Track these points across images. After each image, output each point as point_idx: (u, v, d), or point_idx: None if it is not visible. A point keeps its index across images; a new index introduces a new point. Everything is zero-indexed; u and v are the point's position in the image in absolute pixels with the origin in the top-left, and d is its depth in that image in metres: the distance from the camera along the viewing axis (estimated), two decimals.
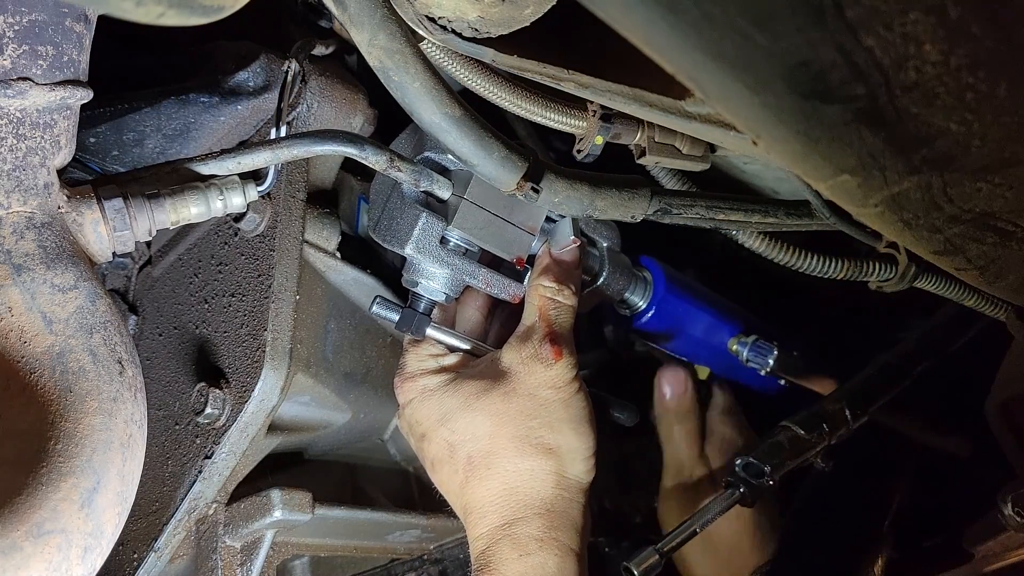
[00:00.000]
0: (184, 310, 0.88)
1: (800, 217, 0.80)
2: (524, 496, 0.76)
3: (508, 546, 0.74)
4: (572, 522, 0.76)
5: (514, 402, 0.77)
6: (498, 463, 0.76)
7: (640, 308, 0.94)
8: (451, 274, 0.79)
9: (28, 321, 0.59)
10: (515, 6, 0.58)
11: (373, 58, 0.61)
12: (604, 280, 0.88)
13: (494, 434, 0.77)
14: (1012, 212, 0.52)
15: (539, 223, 0.81)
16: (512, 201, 0.77)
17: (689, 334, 1.00)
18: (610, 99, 0.67)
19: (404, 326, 0.80)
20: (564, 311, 0.80)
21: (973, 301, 0.84)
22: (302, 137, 0.69)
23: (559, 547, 0.74)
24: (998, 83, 0.41)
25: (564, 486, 0.76)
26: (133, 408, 0.63)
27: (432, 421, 0.79)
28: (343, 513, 0.90)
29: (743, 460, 0.87)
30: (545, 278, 0.81)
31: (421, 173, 0.73)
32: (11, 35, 0.57)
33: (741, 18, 0.39)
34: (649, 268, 0.95)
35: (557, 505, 0.76)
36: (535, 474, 0.76)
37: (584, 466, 0.78)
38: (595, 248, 0.88)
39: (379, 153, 0.70)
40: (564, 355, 0.77)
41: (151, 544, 0.82)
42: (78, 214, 0.63)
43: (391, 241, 0.79)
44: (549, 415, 0.77)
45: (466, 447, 0.78)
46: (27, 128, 0.59)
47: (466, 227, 0.77)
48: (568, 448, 0.77)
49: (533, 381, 0.77)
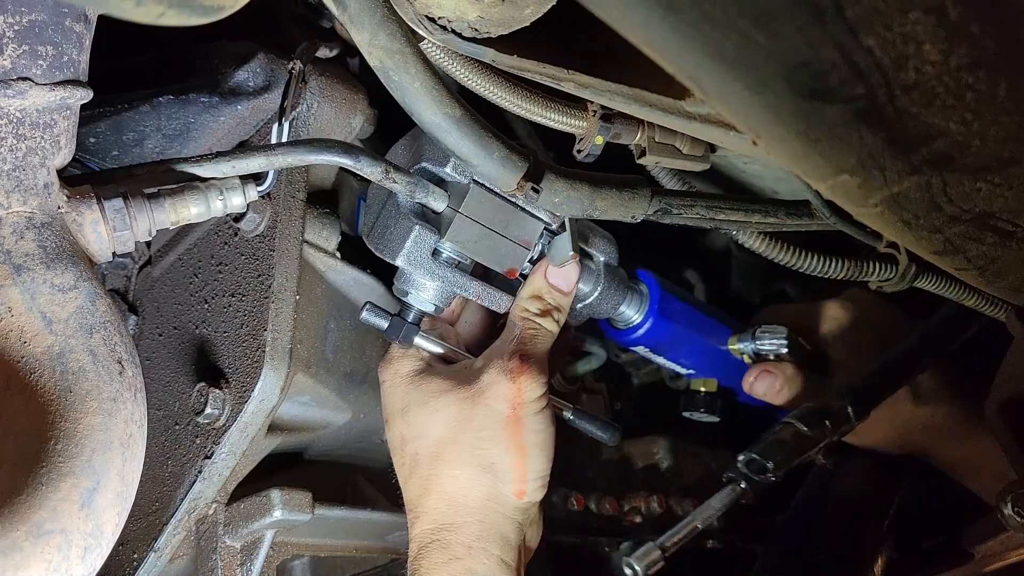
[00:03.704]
0: (184, 310, 0.88)
1: (800, 217, 0.80)
2: (457, 504, 0.76)
3: (437, 550, 0.75)
4: (504, 537, 0.76)
5: (469, 410, 0.77)
6: (439, 467, 0.77)
7: (635, 322, 0.93)
8: (442, 286, 0.79)
9: (28, 321, 0.59)
10: (515, 6, 0.58)
11: (373, 58, 0.61)
12: (599, 295, 0.87)
13: (442, 438, 0.77)
14: (1012, 212, 0.52)
15: (534, 237, 0.80)
16: (507, 214, 0.77)
17: (688, 345, 1.00)
18: (610, 99, 0.67)
19: (392, 334, 0.80)
20: (543, 335, 0.80)
21: (973, 301, 0.84)
22: (297, 145, 0.69)
23: (488, 556, 0.75)
24: (998, 83, 0.41)
25: (498, 501, 0.77)
26: (133, 408, 0.63)
27: (394, 409, 0.81)
28: (343, 513, 0.90)
29: (745, 456, 0.88)
30: (533, 303, 0.81)
31: (416, 184, 0.73)
32: (11, 35, 0.57)
33: (741, 18, 0.39)
34: (645, 281, 0.94)
35: (488, 518, 0.76)
36: (471, 485, 0.76)
37: (520, 486, 0.77)
38: (592, 262, 0.87)
39: (374, 164, 0.69)
40: (529, 372, 0.77)
41: (151, 544, 0.82)
42: (78, 214, 0.63)
43: (383, 251, 0.79)
44: (499, 430, 0.76)
45: (414, 443, 0.79)
46: (27, 128, 0.59)
47: (459, 240, 0.76)
48: (508, 467, 0.76)
49: (493, 393, 0.77)
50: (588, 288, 0.87)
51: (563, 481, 1.09)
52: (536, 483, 0.78)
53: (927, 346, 1.00)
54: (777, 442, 0.88)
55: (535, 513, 0.81)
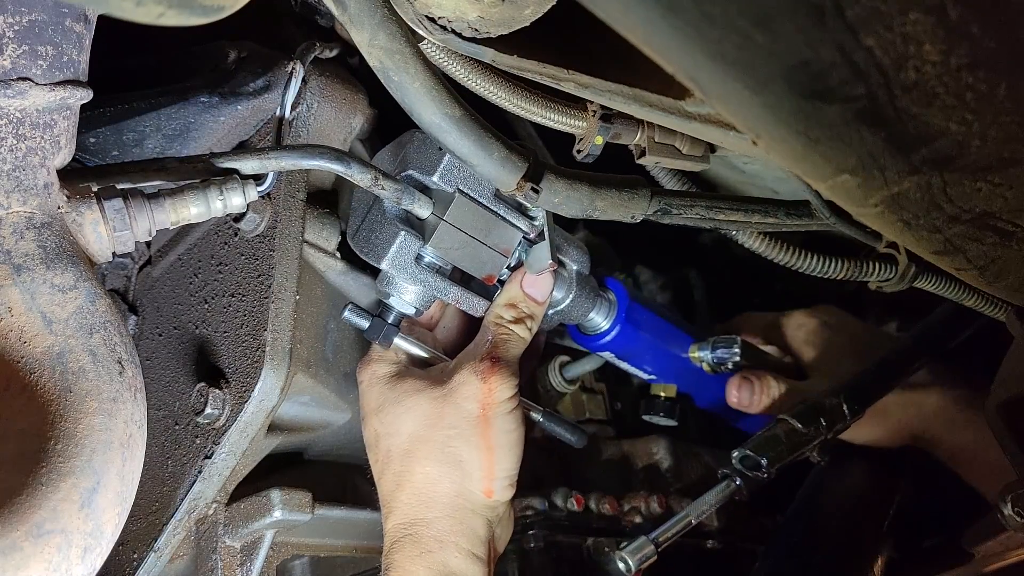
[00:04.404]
0: (184, 310, 0.88)
1: (800, 217, 0.80)
2: (428, 499, 0.78)
3: (410, 544, 0.77)
4: (473, 531, 0.78)
5: (441, 408, 0.79)
6: (410, 464, 0.79)
7: (603, 328, 0.96)
8: (423, 290, 0.81)
9: (28, 321, 0.59)
10: (515, 6, 0.58)
11: (373, 58, 0.61)
12: (571, 303, 0.90)
13: (414, 435, 0.79)
14: (1012, 212, 0.52)
15: (513, 245, 0.82)
16: (489, 223, 0.80)
17: (652, 352, 1.02)
18: (610, 99, 0.67)
19: (373, 335, 0.82)
20: (515, 341, 0.82)
21: (973, 301, 0.84)
22: (292, 150, 0.71)
23: (459, 549, 0.77)
24: (998, 83, 0.41)
25: (467, 497, 0.78)
26: (133, 408, 0.63)
27: (370, 408, 0.82)
28: (343, 513, 0.90)
29: (740, 452, 0.88)
30: (507, 311, 0.83)
31: (404, 192, 0.75)
32: (11, 35, 0.57)
33: (741, 18, 0.39)
34: (613, 290, 0.97)
35: (458, 513, 0.78)
36: (440, 480, 0.78)
37: (488, 484, 0.79)
38: (565, 270, 0.90)
39: (364, 171, 0.72)
40: (500, 374, 0.79)
41: (151, 544, 0.82)
42: (78, 214, 0.63)
43: (368, 254, 0.80)
44: (469, 428, 0.78)
45: (387, 441, 0.81)
46: (27, 128, 0.59)
47: (442, 247, 0.79)
48: (476, 465, 0.78)
49: (464, 392, 0.79)
50: (561, 295, 0.90)
51: (563, 481, 1.09)
52: (504, 482, 0.79)
53: (922, 345, 1.00)
54: (771, 438, 0.89)
55: (504, 511, 0.83)
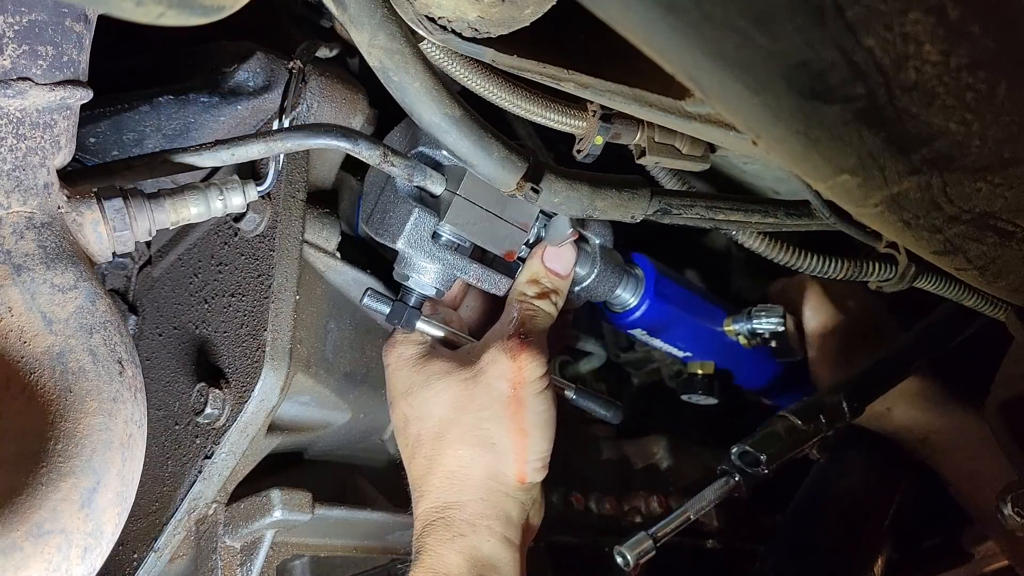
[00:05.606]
0: (184, 310, 0.88)
1: (800, 217, 0.80)
2: (460, 482, 0.77)
3: (442, 527, 0.76)
4: (506, 515, 0.77)
5: (471, 390, 0.78)
6: (441, 447, 0.78)
7: (631, 305, 0.95)
8: (442, 269, 0.79)
9: (28, 321, 0.59)
10: (515, 6, 0.58)
11: (373, 58, 0.61)
12: (596, 278, 0.88)
13: (444, 418, 0.78)
14: (1012, 212, 0.52)
15: (531, 219, 0.81)
16: (504, 197, 0.77)
17: (684, 327, 1.00)
18: (610, 99, 0.67)
19: (395, 319, 0.80)
20: (541, 316, 0.81)
21: (973, 301, 0.84)
22: (296, 131, 0.69)
23: (491, 533, 0.76)
24: (998, 83, 0.41)
25: (500, 480, 0.77)
26: (133, 408, 0.63)
27: (398, 391, 0.81)
28: (343, 513, 0.90)
29: (739, 448, 0.88)
30: (530, 287, 0.81)
31: (415, 168, 0.73)
32: (11, 35, 0.57)
33: (741, 18, 0.39)
34: (640, 265, 0.95)
35: (491, 496, 0.77)
36: (473, 464, 0.77)
37: (521, 468, 0.78)
38: (588, 245, 0.88)
39: (373, 147, 0.70)
40: (528, 351, 0.77)
41: (151, 544, 0.82)
42: (78, 214, 0.63)
43: (383, 235, 0.79)
44: (500, 409, 0.77)
45: (417, 424, 0.80)
46: (27, 128, 0.59)
47: (458, 223, 0.77)
48: (509, 446, 0.77)
49: (493, 371, 0.77)
50: (585, 271, 0.87)
51: (563, 481, 1.09)
52: (536, 464, 0.78)
53: (923, 344, 1.00)
54: (771, 435, 0.89)
55: (537, 494, 0.81)
